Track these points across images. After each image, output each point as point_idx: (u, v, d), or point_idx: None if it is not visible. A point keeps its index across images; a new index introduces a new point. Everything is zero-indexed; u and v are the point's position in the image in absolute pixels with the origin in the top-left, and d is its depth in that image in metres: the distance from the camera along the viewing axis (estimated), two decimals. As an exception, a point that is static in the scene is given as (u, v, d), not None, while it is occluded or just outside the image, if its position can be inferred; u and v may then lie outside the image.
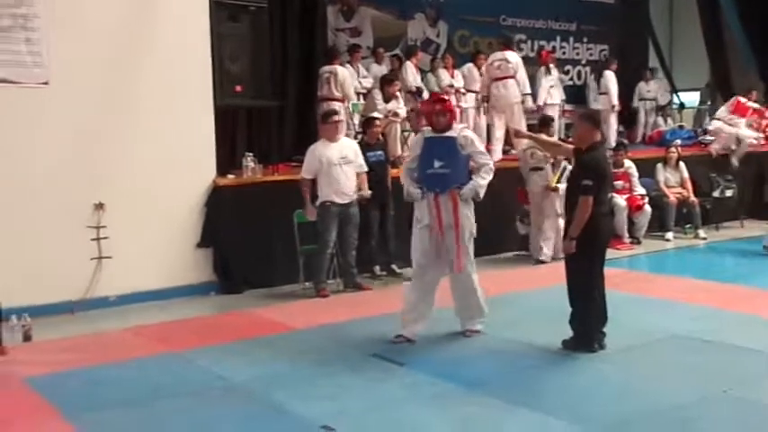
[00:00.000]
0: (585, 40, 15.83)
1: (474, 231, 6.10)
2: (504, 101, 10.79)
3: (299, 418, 4.61)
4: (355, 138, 9.16)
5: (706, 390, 4.95)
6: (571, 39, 15.57)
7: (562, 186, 8.63)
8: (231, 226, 7.97)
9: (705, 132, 13.71)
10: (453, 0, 13.86)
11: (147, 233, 7.51)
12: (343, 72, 10.15)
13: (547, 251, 9.04)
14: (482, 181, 6.02)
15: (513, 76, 10.76)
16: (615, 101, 12.98)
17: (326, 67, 10.13)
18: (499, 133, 10.92)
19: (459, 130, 6.14)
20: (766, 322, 6.46)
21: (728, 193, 11.67)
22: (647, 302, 7.17)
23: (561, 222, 8.32)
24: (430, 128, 6.14)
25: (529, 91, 11.13)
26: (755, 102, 13.67)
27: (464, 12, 14.00)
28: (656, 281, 8.43)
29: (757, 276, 8.71)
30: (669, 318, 6.63)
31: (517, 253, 9.65)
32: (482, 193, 6.05)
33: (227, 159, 8.47)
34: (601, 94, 13.38)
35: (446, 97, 6.75)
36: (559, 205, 8.61)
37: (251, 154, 8.47)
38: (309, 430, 4.44)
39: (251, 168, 8.34)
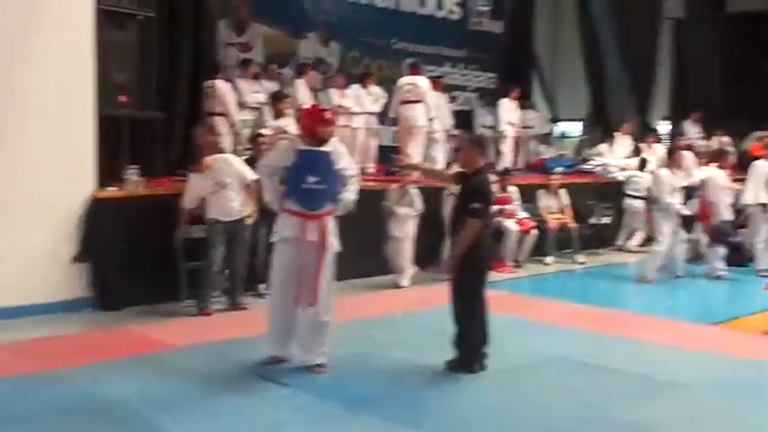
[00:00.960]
0: (474, 66, 16.21)
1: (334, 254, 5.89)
2: (413, 123, 11.20)
3: (178, 440, 4.46)
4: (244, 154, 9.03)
5: (584, 411, 5.09)
6: (460, 65, 15.89)
7: (404, 211, 8.99)
8: (110, 240, 7.69)
9: (584, 161, 14.28)
10: (346, 21, 13.94)
11: (20, 245, 7.14)
12: (223, 87, 10.03)
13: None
14: (352, 195, 5.90)
15: (420, 101, 11.18)
16: (502, 127, 13.32)
17: (209, 82, 10.02)
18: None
19: (333, 143, 5.89)
20: (640, 344, 6.71)
21: (605, 219, 12.16)
22: (528, 325, 7.33)
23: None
24: (300, 139, 5.88)
25: (434, 115, 11.48)
26: (629, 133, 14.33)
27: (356, 33, 14.11)
28: (536, 304, 8.64)
29: (632, 301, 9.09)
30: (548, 340, 6.80)
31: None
32: (349, 201, 5.91)
33: (109, 171, 8.16)
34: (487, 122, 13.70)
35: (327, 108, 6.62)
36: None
37: (135, 166, 8.20)
38: (189, 453, 4.31)
39: (133, 181, 8.07)
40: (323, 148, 5.77)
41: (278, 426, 4.77)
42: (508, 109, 13.29)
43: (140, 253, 7.76)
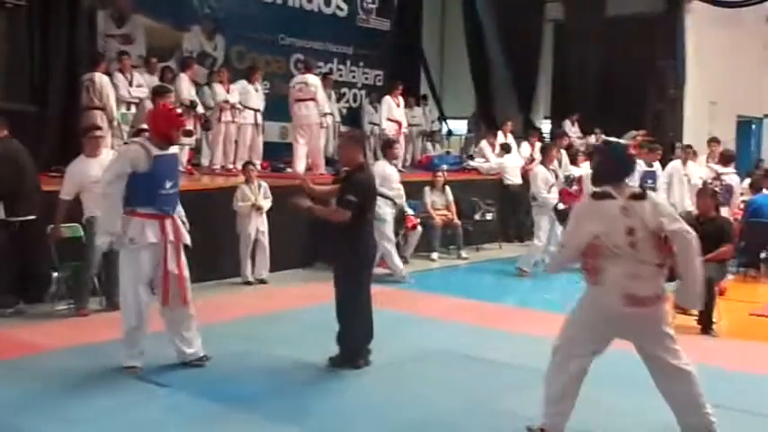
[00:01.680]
0: (362, 63, 16.27)
1: None
2: (305, 120, 11.47)
3: (48, 446, 4.28)
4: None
5: (466, 402, 5.16)
6: (348, 62, 15.92)
7: (267, 204, 8.99)
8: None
9: (470, 158, 14.55)
10: (231, 15, 13.73)
11: None
12: (102, 80, 9.73)
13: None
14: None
15: (313, 98, 11.46)
16: (384, 124, 13.33)
17: (87, 75, 9.70)
18: (302, 151, 11.49)
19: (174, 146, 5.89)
20: (520, 338, 6.87)
21: (489, 216, 12.41)
22: (412, 320, 7.40)
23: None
24: (146, 141, 5.67)
25: (328, 111, 11.93)
26: (512, 132, 14.69)
27: (242, 28, 13.92)
28: (421, 299, 8.73)
29: (512, 295, 9.30)
30: (432, 334, 6.90)
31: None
32: None
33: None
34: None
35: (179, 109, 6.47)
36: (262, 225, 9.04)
37: (4, 161, 7.80)
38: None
39: (3, 177, 7.68)
40: (173, 151, 5.77)
41: (153, 426, 4.66)
42: (391, 106, 13.35)
43: (8, 252, 7.40)
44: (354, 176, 5.81)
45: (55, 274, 7.44)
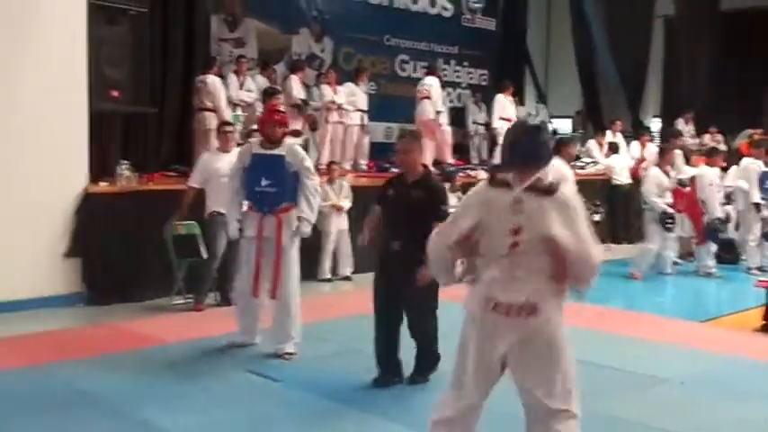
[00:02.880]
0: (466, 63, 16.22)
1: (298, 268, 6.03)
2: (420, 117, 12.13)
3: (169, 435, 4.48)
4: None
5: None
6: (452, 62, 15.91)
7: (347, 204, 9.08)
8: (102, 235, 7.69)
9: (577, 158, 14.31)
10: (338, 17, 13.92)
11: (11, 240, 7.14)
12: (214, 82, 10.05)
13: None
14: (309, 210, 5.97)
15: (427, 97, 12.06)
16: (495, 123, 13.34)
17: (200, 77, 10.06)
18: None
19: (287, 146, 6.01)
20: (627, 340, 6.74)
21: (597, 217, 12.17)
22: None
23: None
24: (258, 141, 6.08)
25: (441, 108, 12.32)
26: (621, 131, 14.39)
27: (349, 30, 14.08)
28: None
29: (620, 297, 9.10)
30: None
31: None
32: (313, 219, 6.06)
33: (100, 166, 8.16)
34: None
35: (282, 109, 6.65)
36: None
37: (126, 162, 8.20)
38: (179, 447, 4.34)
39: (125, 176, 8.07)
40: (276, 152, 5.91)
41: (267, 420, 4.77)
42: (504, 105, 13.30)
43: (131, 248, 7.78)
44: (434, 183, 5.40)
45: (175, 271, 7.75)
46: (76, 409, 4.85)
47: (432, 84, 12.24)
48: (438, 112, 12.28)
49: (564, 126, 18.39)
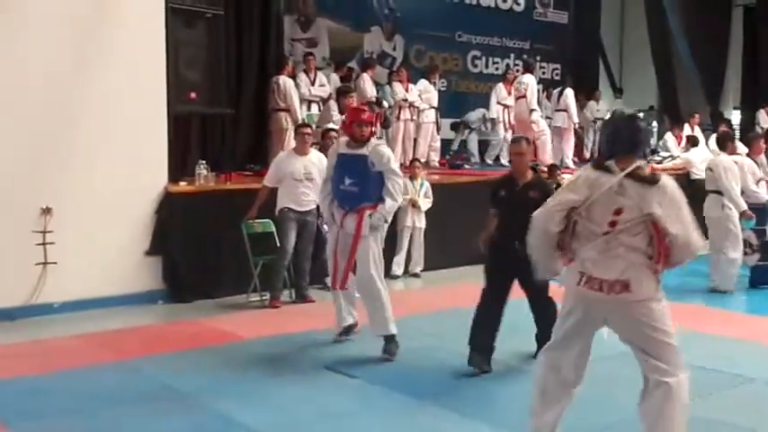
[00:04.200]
0: (539, 58, 16.05)
1: (378, 255, 6.01)
2: (518, 117, 12.65)
3: (248, 429, 4.55)
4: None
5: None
6: (525, 57, 15.76)
7: (425, 205, 9.04)
8: (182, 234, 7.86)
9: (654, 152, 14.01)
10: (410, 15, 13.94)
11: (95, 239, 7.35)
12: (286, 83, 10.15)
13: None
14: (387, 207, 5.96)
15: (524, 96, 12.52)
16: (576, 118, 13.18)
17: (274, 78, 10.21)
18: None
19: (372, 146, 5.98)
20: (709, 339, 6.58)
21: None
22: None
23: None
24: (345, 140, 6.12)
25: (533, 107, 12.54)
26: (699, 124, 14.03)
27: (420, 27, 14.11)
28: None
29: (699, 294, 8.85)
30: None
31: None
32: (389, 218, 6.08)
33: (179, 166, 8.35)
34: (558, 110, 13.42)
35: (367, 108, 6.61)
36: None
37: (204, 161, 8.37)
38: (259, 441, 4.40)
39: (203, 176, 8.23)
40: (360, 152, 5.94)
41: (346, 416, 4.80)
42: (572, 98, 13.17)
43: (210, 246, 7.94)
44: (547, 184, 5.99)
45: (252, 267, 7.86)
46: (162, 402, 4.97)
47: (528, 82, 12.51)
48: (531, 111, 12.40)
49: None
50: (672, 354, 3.75)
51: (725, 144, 9.01)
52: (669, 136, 13.81)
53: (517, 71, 14.89)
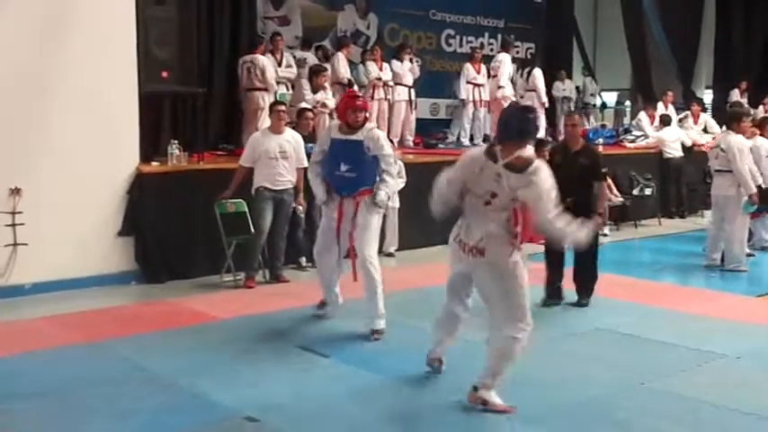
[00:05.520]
0: (513, 37, 16.01)
1: (375, 235, 6.12)
2: (492, 94, 12.82)
3: (223, 408, 4.55)
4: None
5: (625, 381, 5.07)
6: (499, 35, 15.73)
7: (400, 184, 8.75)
8: (154, 214, 7.79)
9: (627, 131, 14.10)
10: (384, -8, 13.86)
11: (65, 220, 7.27)
12: (263, 61, 10.07)
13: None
14: (391, 185, 6.07)
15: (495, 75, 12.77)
16: (544, 98, 13.18)
17: (247, 57, 10.11)
18: None
19: (366, 131, 5.97)
20: (682, 316, 6.66)
21: (647, 191, 12.00)
22: (572, 297, 7.26)
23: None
24: (337, 124, 6.08)
25: (502, 84, 12.68)
26: (673, 103, 14.11)
27: (394, 5, 14.02)
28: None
29: (672, 273, 8.97)
30: (590, 312, 6.81)
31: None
32: (390, 191, 6.18)
33: (151, 146, 8.26)
34: (528, 90, 13.44)
35: (360, 94, 6.64)
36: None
37: (176, 141, 8.28)
38: (233, 420, 4.40)
39: (176, 156, 8.15)
40: (354, 137, 5.92)
41: (320, 394, 4.82)
42: (541, 78, 13.21)
43: (182, 227, 7.89)
44: (595, 152, 7.27)
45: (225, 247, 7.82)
46: (135, 383, 4.95)
47: (501, 60, 12.63)
48: (499, 87, 12.54)
49: (610, 99, 18.14)
50: (513, 308, 4.45)
51: (737, 122, 8.68)
52: (643, 115, 13.87)
53: (491, 50, 14.95)
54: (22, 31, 7.02)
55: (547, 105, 13.37)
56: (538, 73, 13.26)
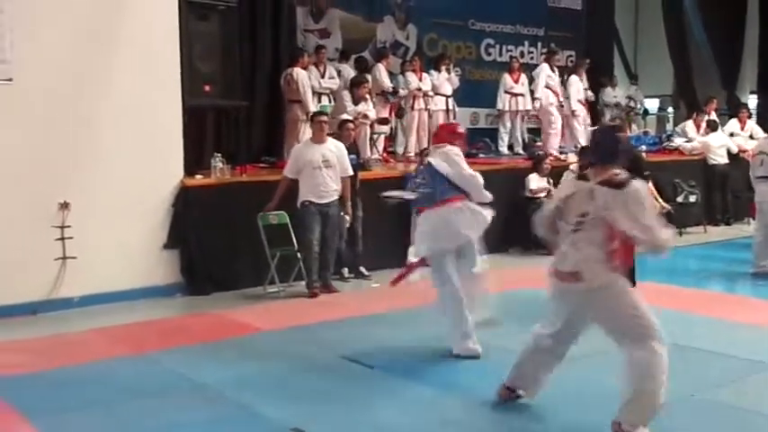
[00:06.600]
0: (553, 45, 15.93)
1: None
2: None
3: (269, 420, 4.56)
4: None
5: (675, 392, 4.98)
6: (539, 44, 15.67)
7: None
8: (198, 227, 7.88)
9: (670, 138, 13.92)
10: (423, 3, 13.88)
11: (113, 233, 7.39)
12: (299, 74, 10.14)
13: None
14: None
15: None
16: (574, 105, 12.96)
17: (288, 69, 10.20)
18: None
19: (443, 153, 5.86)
20: (731, 326, 6.54)
21: (692, 198, 11.83)
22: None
23: None
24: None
25: (537, 95, 12.42)
26: (716, 110, 13.89)
27: (433, 15, 14.04)
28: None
29: (720, 281, 8.82)
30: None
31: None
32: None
33: (195, 160, 8.36)
34: (566, 98, 13.25)
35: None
36: None
37: (219, 154, 8.38)
38: (279, 432, 4.41)
39: (219, 169, 8.25)
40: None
41: (364, 406, 4.81)
42: (575, 85, 13.01)
43: (226, 239, 7.96)
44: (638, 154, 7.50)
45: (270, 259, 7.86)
46: (180, 394, 5.00)
47: (537, 73, 12.43)
48: (534, 99, 12.40)
49: (652, 105, 17.92)
50: (637, 328, 4.17)
51: None
52: (690, 123, 13.65)
53: (531, 59, 14.87)
54: (68, 46, 7.16)
55: (578, 113, 13.04)
56: (573, 80, 13.10)
